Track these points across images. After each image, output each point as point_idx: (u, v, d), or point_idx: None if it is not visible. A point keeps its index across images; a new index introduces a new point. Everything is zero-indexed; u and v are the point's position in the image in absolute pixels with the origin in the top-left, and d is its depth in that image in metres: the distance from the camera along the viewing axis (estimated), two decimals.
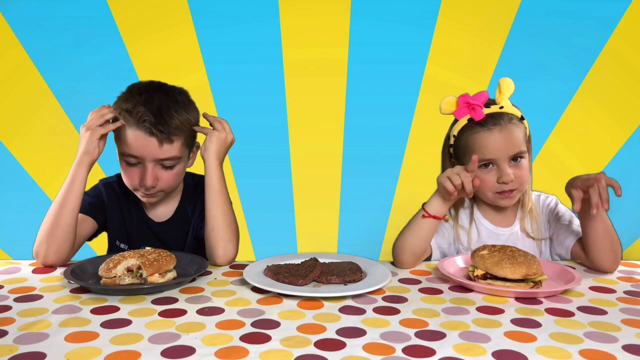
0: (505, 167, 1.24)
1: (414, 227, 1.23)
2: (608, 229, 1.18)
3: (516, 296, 1.01)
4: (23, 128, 2.25)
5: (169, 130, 1.22)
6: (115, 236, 1.39)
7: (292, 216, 2.43)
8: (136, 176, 1.25)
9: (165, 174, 1.27)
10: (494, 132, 1.24)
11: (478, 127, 1.25)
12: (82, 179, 1.21)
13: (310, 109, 2.33)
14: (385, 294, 1.03)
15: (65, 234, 1.20)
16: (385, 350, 0.78)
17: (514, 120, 1.25)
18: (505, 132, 1.24)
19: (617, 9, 2.13)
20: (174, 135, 1.23)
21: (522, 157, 1.26)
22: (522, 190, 1.28)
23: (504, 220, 1.35)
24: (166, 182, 1.28)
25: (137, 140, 1.22)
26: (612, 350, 0.79)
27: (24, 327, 0.86)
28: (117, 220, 1.38)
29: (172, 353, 0.77)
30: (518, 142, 1.25)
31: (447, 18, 2.17)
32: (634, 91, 2.24)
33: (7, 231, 2.15)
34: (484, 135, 1.24)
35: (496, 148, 1.24)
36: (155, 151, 1.22)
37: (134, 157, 1.24)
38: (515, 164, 1.26)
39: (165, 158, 1.24)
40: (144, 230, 1.39)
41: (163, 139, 1.22)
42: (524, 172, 1.26)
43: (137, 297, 1.00)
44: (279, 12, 2.16)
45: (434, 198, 1.23)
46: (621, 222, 1.35)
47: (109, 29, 2.13)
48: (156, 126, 1.20)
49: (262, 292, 1.03)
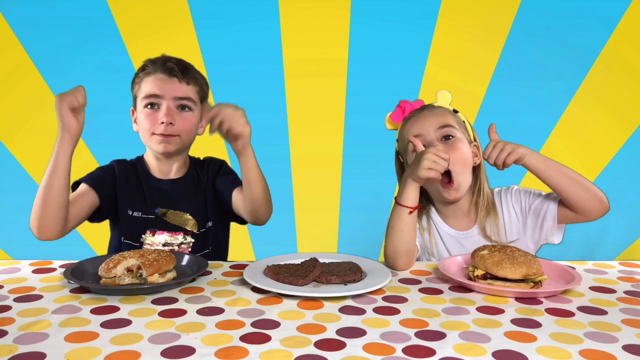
0: (434, 141, 1.27)
1: (399, 227, 1.21)
2: (568, 176, 1.20)
3: (516, 296, 1.01)
4: (23, 128, 2.25)
5: (189, 73, 1.37)
6: (127, 205, 1.40)
7: (292, 216, 2.44)
8: (156, 117, 1.35)
9: (181, 116, 1.36)
10: (418, 115, 1.32)
11: (407, 118, 1.34)
12: (65, 154, 1.22)
13: (310, 109, 2.33)
14: (385, 294, 1.03)
15: (55, 212, 1.21)
16: (385, 350, 0.78)
17: (442, 108, 1.32)
18: (429, 112, 1.30)
19: (617, 9, 2.13)
20: (191, 79, 1.38)
21: (453, 136, 1.27)
22: (460, 172, 1.26)
23: (462, 224, 1.34)
24: (182, 125, 1.36)
25: (158, 80, 1.35)
26: (612, 351, 0.79)
27: (24, 327, 0.86)
28: (128, 189, 1.41)
29: (172, 353, 0.77)
30: (443, 117, 1.29)
31: (447, 18, 2.17)
32: (634, 91, 2.24)
33: (7, 231, 2.15)
34: (411, 120, 1.32)
35: (420, 123, 1.29)
36: (174, 89, 1.35)
37: (154, 96, 1.35)
38: (447, 142, 1.27)
39: (183, 97, 1.36)
40: (155, 194, 1.42)
41: (182, 79, 1.36)
42: (458, 152, 1.26)
43: (137, 297, 1.00)
44: (279, 12, 2.16)
45: (409, 191, 1.20)
46: (621, 222, 1.36)
47: (109, 29, 2.14)
48: (177, 67, 1.36)
49: (262, 292, 1.03)
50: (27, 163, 2.24)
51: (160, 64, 1.36)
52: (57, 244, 1.61)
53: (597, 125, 2.31)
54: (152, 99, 1.35)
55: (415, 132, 1.29)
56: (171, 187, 1.43)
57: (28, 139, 2.25)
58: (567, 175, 1.21)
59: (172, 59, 1.38)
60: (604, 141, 2.32)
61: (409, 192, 1.20)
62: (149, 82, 1.36)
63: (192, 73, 1.40)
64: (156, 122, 1.35)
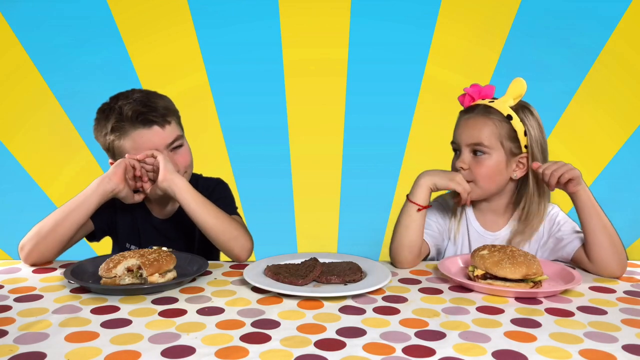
0: (465, 154, 1.26)
1: (406, 222, 1.23)
2: (605, 226, 1.18)
3: (516, 296, 1.01)
4: (23, 128, 2.25)
5: (162, 112, 1.26)
6: (125, 238, 1.40)
7: (292, 216, 2.43)
8: None
9: (179, 156, 1.30)
10: (463, 119, 1.29)
11: (461, 113, 1.31)
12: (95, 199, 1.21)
13: (310, 109, 2.33)
14: (385, 294, 1.03)
15: (56, 243, 1.20)
16: (385, 350, 0.78)
17: (491, 115, 1.24)
18: (471, 121, 1.26)
19: (617, 9, 2.13)
20: (167, 116, 1.28)
21: (484, 152, 1.24)
22: (478, 190, 1.26)
23: (492, 223, 1.33)
24: (184, 161, 1.31)
25: (141, 137, 1.25)
26: (612, 350, 0.79)
27: (24, 327, 0.86)
28: (127, 223, 1.39)
29: (172, 353, 0.77)
30: (479, 134, 1.24)
31: (447, 18, 2.17)
32: (634, 91, 2.24)
33: (7, 231, 2.14)
34: (459, 120, 1.30)
35: (458, 132, 1.28)
36: (162, 137, 1.26)
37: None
38: (476, 157, 1.25)
39: (173, 140, 1.28)
40: (149, 230, 1.39)
41: (162, 122, 1.26)
42: (482, 170, 1.24)
43: (137, 297, 1.00)
44: (279, 12, 2.16)
45: (422, 190, 1.23)
46: (621, 222, 1.35)
47: (109, 29, 2.14)
48: (150, 113, 1.24)
49: (262, 292, 1.03)
50: (27, 163, 2.24)
51: (129, 121, 1.23)
52: None
53: (597, 125, 2.30)
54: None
55: (454, 137, 1.29)
56: (164, 227, 1.40)
57: (28, 139, 2.25)
58: (603, 223, 1.18)
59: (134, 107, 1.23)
60: (604, 141, 2.32)
61: (422, 191, 1.24)
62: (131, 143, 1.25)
63: (162, 106, 1.27)
64: None
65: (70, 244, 1.27)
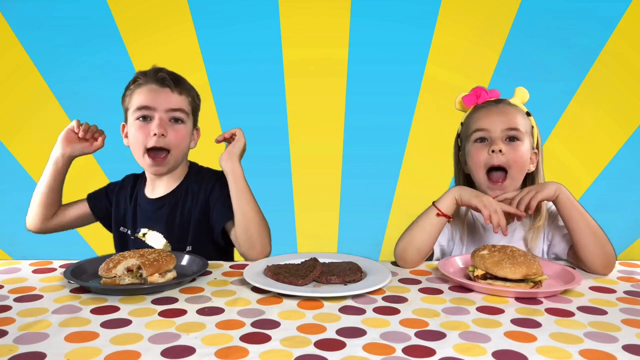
0: (499, 139, 1.25)
1: (423, 224, 1.23)
2: (589, 226, 1.17)
3: (516, 296, 1.01)
4: (23, 128, 2.25)
5: (181, 84, 1.36)
6: (119, 222, 1.44)
7: (292, 216, 2.44)
8: (148, 129, 1.32)
9: (173, 129, 1.34)
10: (490, 108, 1.28)
11: (479, 107, 1.30)
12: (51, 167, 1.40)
13: (310, 109, 2.33)
14: (385, 294, 1.03)
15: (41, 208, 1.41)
16: (385, 350, 0.78)
17: (517, 108, 1.28)
18: (502, 109, 1.27)
19: (617, 9, 2.13)
20: (183, 90, 1.36)
21: (519, 139, 1.25)
22: (515, 176, 1.26)
23: None
24: (174, 138, 1.34)
25: (150, 91, 1.33)
26: (612, 350, 0.79)
27: (24, 327, 0.86)
28: (122, 205, 1.44)
29: (172, 353, 0.77)
30: (514, 119, 1.25)
31: (447, 18, 2.17)
32: (634, 91, 2.24)
33: (7, 231, 2.14)
34: (482, 111, 1.29)
35: (490, 119, 1.27)
36: (166, 99, 1.33)
37: (146, 108, 1.32)
38: (511, 144, 1.25)
39: (176, 108, 1.34)
40: (137, 210, 1.42)
41: (174, 89, 1.34)
42: (518, 154, 1.25)
43: (137, 297, 1.00)
44: (279, 12, 2.16)
45: (448, 198, 1.23)
46: (621, 222, 1.36)
47: (109, 29, 2.14)
48: (169, 78, 1.34)
49: (262, 292, 1.03)
50: (27, 163, 2.24)
51: (151, 75, 1.35)
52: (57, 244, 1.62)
53: (597, 125, 2.30)
54: (145, 111, 1.33)
55: (482, 125, 1.27)
56: (151, 208, 1.41)
57: (28, 139, 2.25)
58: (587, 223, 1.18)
59: (164, 70, 1.36)
60: (604, 141, 2.32)
61: (447, 199, 1.23)
62: (140, 93, 1.34)
63: (184, 84, 1.38)
64: (148, 135, 1.32)
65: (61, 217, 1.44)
